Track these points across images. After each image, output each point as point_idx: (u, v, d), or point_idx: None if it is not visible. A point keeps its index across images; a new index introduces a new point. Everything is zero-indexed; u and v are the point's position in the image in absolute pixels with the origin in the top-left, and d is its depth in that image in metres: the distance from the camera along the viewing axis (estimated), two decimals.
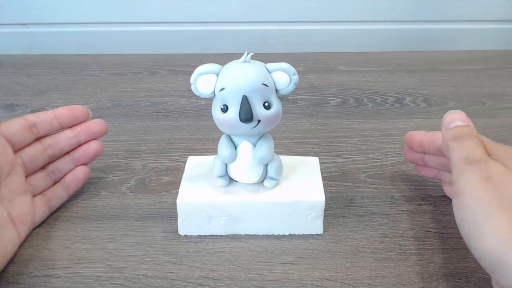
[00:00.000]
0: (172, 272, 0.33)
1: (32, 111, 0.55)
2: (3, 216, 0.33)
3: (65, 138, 0.39)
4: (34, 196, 0.38)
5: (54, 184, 0.40)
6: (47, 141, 0.39)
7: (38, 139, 0.38)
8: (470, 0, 0.79)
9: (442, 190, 0.41)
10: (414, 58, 0.74)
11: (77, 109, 0.39)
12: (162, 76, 0.67)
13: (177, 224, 0.36)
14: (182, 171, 0.38)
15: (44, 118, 0.38)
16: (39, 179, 0.38)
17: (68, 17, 0.79)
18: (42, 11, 0.78)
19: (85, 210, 0.39)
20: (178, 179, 0.38)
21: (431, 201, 0.40)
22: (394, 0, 0.79)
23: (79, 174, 0.40)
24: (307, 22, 0.81)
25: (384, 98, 0.60)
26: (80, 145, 0.40)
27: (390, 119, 0.55)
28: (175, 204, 0.35)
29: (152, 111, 0.57)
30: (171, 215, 0.38)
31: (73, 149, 0.40)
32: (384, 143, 0.49)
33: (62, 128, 0.39)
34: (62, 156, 0.40)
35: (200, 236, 0.36)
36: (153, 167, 0.45)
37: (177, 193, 0.36)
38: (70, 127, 0.39)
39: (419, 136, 0.39)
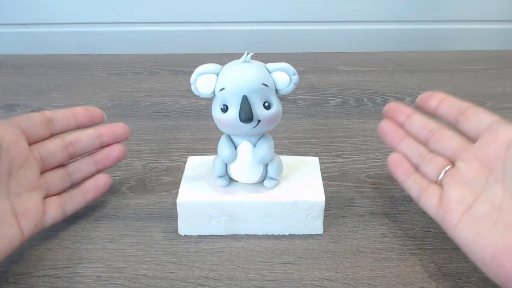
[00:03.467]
0: (172, 272, 0.33)
1: (32, 111, 0.54)
2: (6, 210, 0.32)
3: (88, 137, 0.38)
4: (49, 195, 0.36)
5: (71, 185, 0.38)
6: (69, 138, 0.37)
7: (55, 135, 0.37)
8: (470, 0, 0.79)
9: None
10: (414, 58, 0.74)
11: (94, 111, 0.38)
12: (162, 76, 0.67)
13: (177, 224, 0.36)
14: (182, 171, 0.38)
15: (62, 115, 0.37)
16: (56, 177, 0.37)
17: (68, 17, 0.79)
18: (42, 11, 0.78)
19: (85, 210, 0.39)
20: (178, 179, 0.38)
21: None
22: (394, 0, 0.79)
23: (100, 181, 0.38)
24: (307, 22, 0.81)
25: (384, 98, 0.60)
26: (102, 147, 0.39)
27: None
28: (175, 204, 0.35)
29: (152, 111, 0.57)
30: (171, 215, 0.38)
31: (95, 151, 0.39)
32: (384, 143, 0.49)
33: (79, 127, 0.38)
34: (83, 156, 0.38)
35: (200, 236, 0.36)
36: (153, 167, 0.45)
37: (177, 193, 0.36)
38: (86, 127, 0.38)
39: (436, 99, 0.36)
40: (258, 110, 0.32)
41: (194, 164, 0.39)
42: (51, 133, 0.37)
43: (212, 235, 0.36)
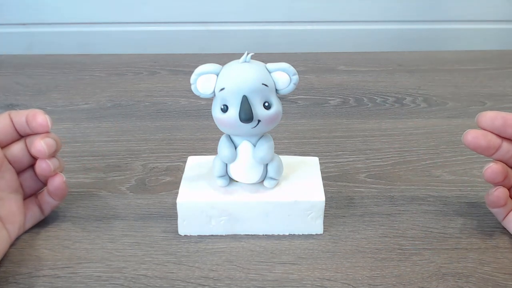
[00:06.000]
0: (172, 272, 0.33)
1: None
2: None
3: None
4: (26, 197, 0.37)
5: (44, 185, 0.37)
6: (28, 140, 0.36)
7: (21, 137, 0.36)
8: (470, 0, 0.79)
9: (444, 190, 0.42)
10: (414, 58, 0.74)
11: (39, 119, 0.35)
12: (162, 76, 0.67)
13: (177, 224, 0.36)
14: (182, 171, 0.38)
15: (19, 119, 0.35)
16: (29, 178, 0.37)
17: (68, 17, 0.79)
18: (42, 11, 0.78)
19: (85, 210, 0.39)
20: (178, 179, 0.38)
21: (431, 201, 0.40)
22: (394, 0, 0.79)
23: (56, 182, 0.36)
24: (307, 22, 0.81)
25: (384, 98, 0.60)
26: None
27: (390, 119, 0.55)
28: (175, 204, 0.35)
29: (152, 111, 0.57)
30: (171, 215, 0.38)
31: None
32: (384, 143, 0.49)
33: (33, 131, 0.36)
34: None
35: (200, 236, 0.36)
36: (153, 167, 0.45)
37: (177, 193, 0.36)
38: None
39: None
40: (258, 110, 0.32)
41: (194, 164, 0.39)
42: (16, 136, 0.36)
43: (212, 235, 0.36)
